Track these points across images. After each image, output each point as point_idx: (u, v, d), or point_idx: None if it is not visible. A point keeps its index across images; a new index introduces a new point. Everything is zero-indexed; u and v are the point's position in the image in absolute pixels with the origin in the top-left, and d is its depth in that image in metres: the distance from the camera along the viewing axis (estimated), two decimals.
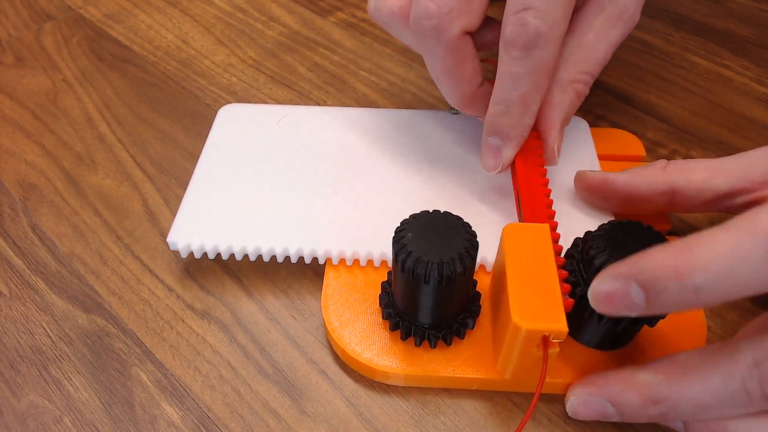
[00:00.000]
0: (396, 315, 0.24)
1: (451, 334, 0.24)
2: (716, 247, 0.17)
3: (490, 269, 0.26)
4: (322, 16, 0.43)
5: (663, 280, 0.18)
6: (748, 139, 0.34)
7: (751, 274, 0.17)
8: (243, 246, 0.27)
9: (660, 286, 0.18)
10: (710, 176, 0.23)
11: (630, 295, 0.18)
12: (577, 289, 0.22)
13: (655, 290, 0.18)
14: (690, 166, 0.24)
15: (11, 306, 0.27)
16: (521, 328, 0.20)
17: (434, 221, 0.22)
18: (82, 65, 0.40)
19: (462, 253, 0.21)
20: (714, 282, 0.17)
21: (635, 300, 0.18)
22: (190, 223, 0.27)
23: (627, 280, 0.18)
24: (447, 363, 0.24)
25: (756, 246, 0.16)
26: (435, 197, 0.29)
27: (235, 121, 0.32)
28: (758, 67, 0.38)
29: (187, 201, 0.28)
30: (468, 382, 0.24)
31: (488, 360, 0.24)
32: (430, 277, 0.21)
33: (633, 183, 0.25)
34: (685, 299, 0.17)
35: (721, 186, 0.23)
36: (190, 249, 0.27)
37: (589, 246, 0.22)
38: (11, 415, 0.24)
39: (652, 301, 0.18)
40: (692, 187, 0.23)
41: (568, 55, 0.26)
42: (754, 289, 0.17)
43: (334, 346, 0.25)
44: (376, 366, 0.24)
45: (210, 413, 0.24)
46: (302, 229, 0.27)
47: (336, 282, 0.26)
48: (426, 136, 0.32)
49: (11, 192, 0.32)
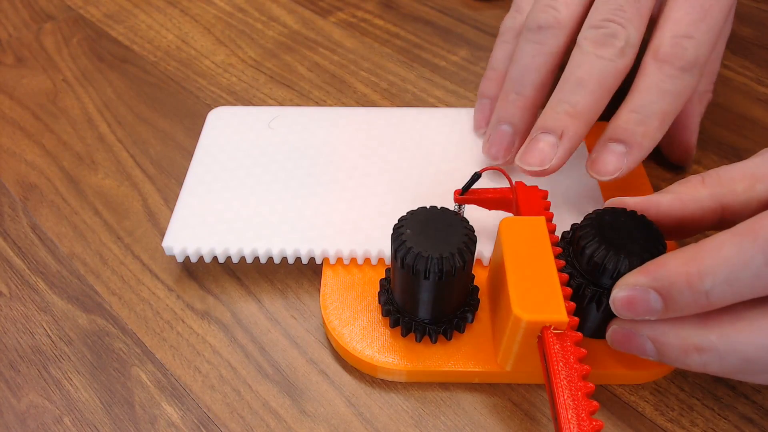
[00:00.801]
0: (396, 312, 0.24)
1: (451, 329, 0.24)
2: (722, 253, 0.18)
3: (486, 263, 0.27)
4: (322, 16, 0.43)
5: (677, 286, 0.19)
6: (748, 139, 0.34)
7: (755, 279, 0.18)
8: (239, 249, 0.27)
9: (675, 292, 0.19)
10: (750, 185, 0.21)
11: (649, 301, 0.19)
12: (573, 280, 0.22)
13: (672, 296, 0.19)
14: (727, 176, 0.22)
15: (11, 306, 0.27)
16: (522, 320, 0.21)
17: (432, 217, 0.22)
18: (82, 65, 0.40)
19: (461, 248, 0.21)
20: (722, 286, 0.18)
21: (654, 306, 0.19)
22: (184, 227, 0.27)
23: (645, 289, 0.19)
24: (448, 357, 0.24)
25: (758, 252, 0.18)
26: (430, 194, 0.29)
27: (226, 124, 0.32)
28: (758, 67, 0.38)
29: (180, 205, 0.28)
30: (469, 375, 0.24)
31: (488, 353, 0.24)
32: (429, 272, 0.21)
33: (681, 202, 0.22)
34: (699, 302, 0.19)
35: (762, 194, 0.21)
36: (185, 254, 0.27)
37: (579, 236, 0.22)
38: (11, 415, 0.24)
39: (669, 306, 0.19)
40: (738, 200, 0.21)
41: None
42: (759, 291, 0.18)
43: (335, 345, 0.25)
44: (377, 363, 0.24)
45: (210, 413, 0.24)
46: (298, 230, 0.27)
47: (334, 281, 0.26)
48: (418, 133, 0.32)
49: (11, 192, 0.32)
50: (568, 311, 0.21)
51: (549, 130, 0.25)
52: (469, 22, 0.42)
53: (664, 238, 0.22)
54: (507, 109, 0.28)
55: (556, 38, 0.27)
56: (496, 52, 0.32)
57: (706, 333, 0.19)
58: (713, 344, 0.19)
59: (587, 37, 0.25)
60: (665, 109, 0.25)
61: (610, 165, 0.25)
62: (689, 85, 0.25)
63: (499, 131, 0.29)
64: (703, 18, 0.25)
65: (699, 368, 0.20)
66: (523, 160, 0.25)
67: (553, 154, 0.25)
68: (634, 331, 0.21)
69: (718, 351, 0.19)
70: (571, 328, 0.21)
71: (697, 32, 0.25)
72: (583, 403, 0.19)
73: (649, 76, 0.25)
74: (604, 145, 0.25)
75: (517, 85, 0.28)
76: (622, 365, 0.23)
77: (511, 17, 0.32)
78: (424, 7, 0.44)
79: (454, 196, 0.26)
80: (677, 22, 0.25)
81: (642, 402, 0.24)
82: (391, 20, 0.43)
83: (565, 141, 0.25)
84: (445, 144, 0.31)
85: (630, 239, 0.21)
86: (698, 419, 0.23)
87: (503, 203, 0.26)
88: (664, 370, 0.24)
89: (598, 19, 0.26)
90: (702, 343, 0.19)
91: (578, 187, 0.29)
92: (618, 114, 0.25)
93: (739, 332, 0.19)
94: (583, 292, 0.22)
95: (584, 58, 0.25)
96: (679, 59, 0.25)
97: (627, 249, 0.21)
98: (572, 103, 0.25)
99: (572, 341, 0.21)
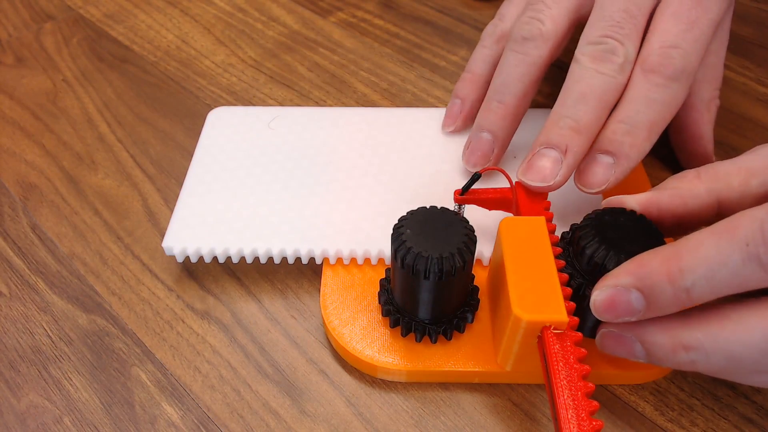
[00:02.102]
0: (396, 312, 0.24)
1: (451, 329, 0.24)
2: (701, 252, 0.18)
3: (486, 263, 0.27)
4: (322, 16, 0.43)
5: (659, 285, 0.19)
6: (748, 139, 0.34)
7: (733, 277, 0.18)
8: (239, 249, 0.27)
9: (658, 290, 0.19)
10: (745, 180, 0.22)
11: (630, 302, 0.19)
12: (573, 280, 0.22)
13: (654, 295, 0.19)
14: (723, 171, 0.22)
15: (11, 306, 0.27)
16: (522, 320, 0.21)
17: (432, 217, 0.22)
18: (82, 65, 0.40)
19: (461, 248, 0.21)
20: (701, 283, 0.19)
21: (636, 306, 0.19)
22: (184, 227, 0.27)
23: (626, 288, 0.19)
24: (448, 357, 0.24)
25: (735, 250, 0.18)
26: (429, 194, 0.29)
27: (226, 125, 0.32)
28: (758, 67, 0.38)
29: (180, 206, 0.28)
30: (469, 375, 0.24)
31: (488, 353, 0.24)
32: (430, 272, 0.21)
33: (681, 199, 0.22)
34: (680, 299, 0.19)
35: (757, 189, 0.21)
36: (186, 254, 0.27)
37: (579, 236, 0.22)
38: (11, 415, 0.24)
39: (651, 305, 0.19)
40: (733, 195, 0.22)
41: (701, 76, 0.29)
42: (737, 288, 0.18)
43: (335, 345, 0.25)
44: (378, 363, 0.24)
45: (210, 413, 0.24)
46: (298, 230, 0.27)
47: (334, 281, 0.26)
48: (418, 133, 0.32)
49: (11, 192, 0.32)
50: (568, 311, 0.21)
51: (553, 146, 0.25)
52: (469, 22, 0.42)
53: (663, 236, 0.22)
54: (488, 117, 0.28)
55: (539, 50, 0.27)
56: (475, 55, 0.32)
57: (692, 331, 0.19)
58: (699, 342, 0.19)
59: (586, 53, 0.25)
60: (653, 119, 0.25)
61: (597, 176, 0.25)
62: (677, 94, 0.25)
63: (480, 139, 0.29)
64: (690, 28, 0.25)
65: (688, 366, 0.20)
66: (526, 176, 0.25)
67: (557, 170, 0.25)
68: (622, 334, 0.21)
69: (704, 349, 0.19)
70: (571, 328, 0.21)
71: (684, 42, 0.25)
72: (583, 403, 0.19)
73: (636, 86, 0.25)
74: (591, 156, 0.25)
75: (499, 94, 0.28)
76: (621, 365, 0.23)
77: (493, 24, 0.32)
78: (424, 7, 0.44)
79: (454, 196, 0.26)
80: (664, 32, 0.25)
81: (642, 402, 0.24)
82: (391, 20, 0.43)
83: (569, 156, 0.25)
84: (444, 144, 0.31)
85: (630, 239, 0.21)
86: (698, 419, 0.23)
87: (503, 203, 0.26)
88: (664, 371, 0.24)
89: (596, 35, 0.26)
90: (689, 341, 0.19)
91: None
92: (606, 124, 0.25)
93: (724, 330, 0.19)
94: (584, 292, 0.22)
95: (584, 73, 0.25)
96: (666, 68, 0.25)
97: (627, 249, 0.21)
98: (575, 118, 0.25)
99: (572, 341, 0.21)
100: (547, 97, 0.36)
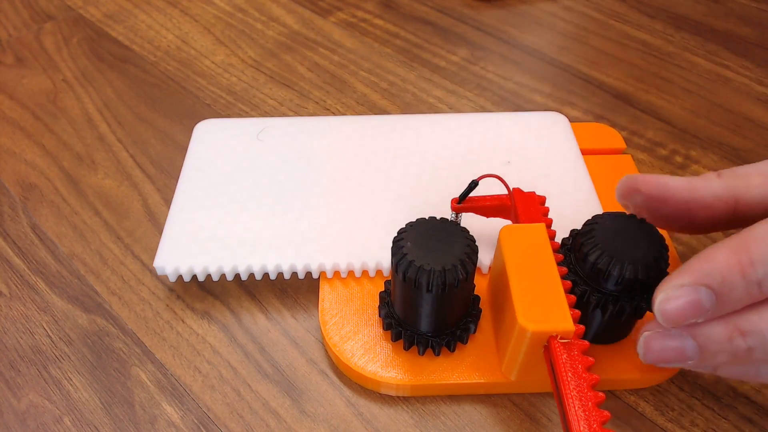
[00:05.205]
0: (397, 325, 0.24)
1: (454, 341, 0.23)
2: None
3: (486, 272, 0.26)
4: (322, 16, 0.43)
5: (729, 279, 0.18)
6: (748, 139, 0.34)
7: None
8: (233, 266, 0.26)
9: (728, 286, 0.18)
10: (765, 181, 0.21)
11: (700, 300, 0.18)
12: (576, 287, 0.22)
13: (724, 290, 0.18)
14: (742, 171, 0.21)
15: (11, 306, 0.27)
16: (527, 330, 0.20)
17: (432, 228, 0.22)
18: (82, 65, 0.40)
19: (463, 259, 0.21)
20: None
21: (706, 305, 0.18)
22: (176, 246, 0.27)
23: (695, 288, 0.18)
24: (452, 370, 0.23)
25: None
26: (425, 204, 0.28)
27: (213, 138, 0.31)
28: (758, 67, 0.38)
29: (170, 223, 0.27)
30: (474, 387, 0.23)
31: (492, 363, 0.24)
32: (432, 285, 0.21)
33: (692, 186, 0.21)
34: (752, 294, 0.18)
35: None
36: (178, 273, 0.26)
37: (581, 242, 0.22)
38: (11, 415, 0.24)
39: (721, 302, 0.18)
40: (752, 194, 0.21)
41: None
42: None
43: (336, 362, 0.25)
44: (381, 379, 0.23)
45: (210, 413, 0.24)
46: (293, 245, 0.26)
47: (332, 296, 0.26)
48: (411, 140, 0.31)
49: (11, 192, 0.32)
50: (573, 319, 0.20)
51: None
52: (469, 22, 0.42)
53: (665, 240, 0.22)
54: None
55: None
56: None
57: (748, 315, 0.18)
58: (756, 325, 0.18)
59: None
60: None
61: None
62: None
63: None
64: None
65: (744, 355, 0.19)
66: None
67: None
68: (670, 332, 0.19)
69: (762, 332, 0.18)
70: (577, 336, 0.20)
71: None
72: (594, 413, 0.19)
73: None
74: None
75: None
76: (626, 370, 0.23)
77: None
78: (424, 7, 0.44)
79: (451, 204, 0.26)
80: None
81: (642, 402, 0.24)
82: (391, 20, 0.43)
83: None
84: (438, 151, 0.30)
85: (632, 243, 0.21)
86: (698, 419, 0.23)
87: (501, 210, 0.26)
88: (666, 374, 0.24)
89: None
90: (745, 325, 0.18)
91: (574, 192, 0.28)
92: None
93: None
94: (588, 298, 0.22)
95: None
96: None
97: (630, 254, 0.21)
98: None
99: (579, 350, 0.20)
100: (547, 97, 0.36)
